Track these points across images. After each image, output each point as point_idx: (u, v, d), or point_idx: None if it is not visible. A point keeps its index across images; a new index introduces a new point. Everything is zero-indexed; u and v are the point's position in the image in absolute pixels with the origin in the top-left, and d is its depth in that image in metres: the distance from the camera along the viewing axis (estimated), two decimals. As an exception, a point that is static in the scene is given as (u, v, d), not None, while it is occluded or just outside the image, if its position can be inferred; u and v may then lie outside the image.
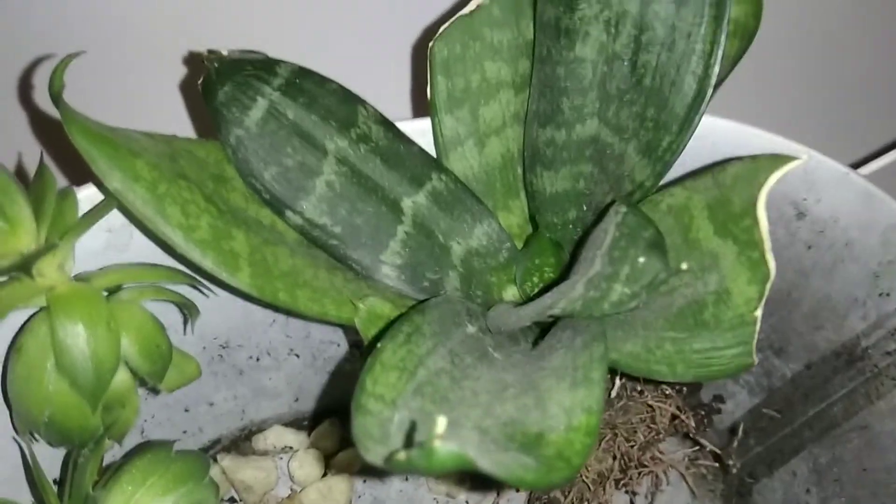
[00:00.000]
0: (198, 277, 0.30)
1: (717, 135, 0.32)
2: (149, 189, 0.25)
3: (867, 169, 0.36)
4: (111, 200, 0.27)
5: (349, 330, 0.37)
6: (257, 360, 0.37)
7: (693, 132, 0.27)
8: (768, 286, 0.23)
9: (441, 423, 0.18)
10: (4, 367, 0.29)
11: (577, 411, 0.22)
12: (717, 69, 0.26)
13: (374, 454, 0.20)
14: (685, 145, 0.27)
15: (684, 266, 0.22)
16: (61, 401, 0.27)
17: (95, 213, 0.28)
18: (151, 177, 0.25)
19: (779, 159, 0.23)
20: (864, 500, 0.32)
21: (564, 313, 0.24)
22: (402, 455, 0.18)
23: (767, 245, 0.23)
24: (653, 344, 0.26)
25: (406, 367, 0.24)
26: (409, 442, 0.20)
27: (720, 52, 0.26)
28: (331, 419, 0.40)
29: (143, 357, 0.28)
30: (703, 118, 0.26)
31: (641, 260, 0.23)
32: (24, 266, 0.25)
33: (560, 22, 0.28)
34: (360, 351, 0.38)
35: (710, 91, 0.26)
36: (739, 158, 0.25)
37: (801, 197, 0.32)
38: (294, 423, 0.40)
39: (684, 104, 0.27)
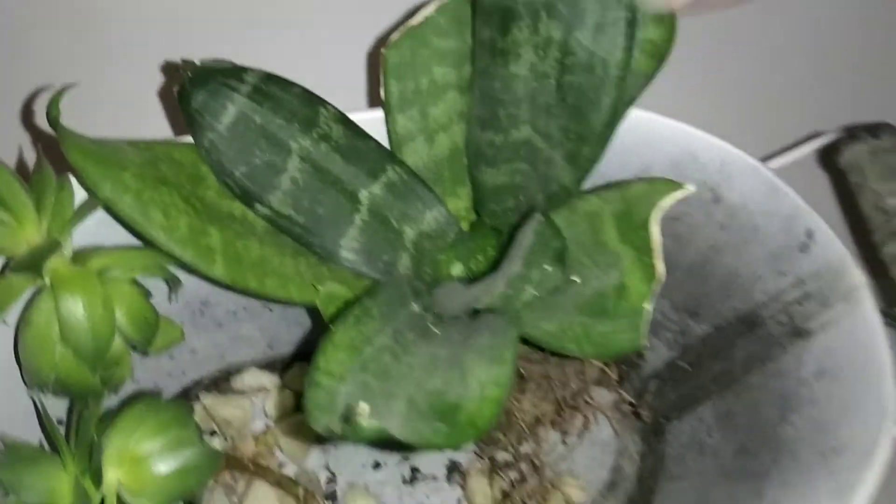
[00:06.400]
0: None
1: (643, 127, 0.35)
2: (135, 197, 0.29)
3: (776, 163, 0.40)
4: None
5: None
6: (234, 314, 0.41)
7: (608, 145, 0.31)
8: (656, 285, 0.28)
9: (363, 407, 0.23)
10: (16, 335, 0.33)
11: (490, 385, 0.26)
12: (629, 93, 0.29)
13: (319, 423, 0.25)
14: (603, 155, 0.31)
15: (576, 279, 0.26)
16: (66, 365, 0.32)
17: (91, 205, 0.32)
18: (137, 186, 0.29)
19: (671, 185, 0.27)
20: (752, 443, 0.38)
21: (487, 307, 0.29)
22: (337, 427, 0.23)
23: (658, 253, 0.28)
24: (566, 325, 0.31)
25: (355, 345, 0.28)
26: (345, 418, 0.25)
27: (628, 79, 0.29)
28: (300, 363, 0.44)
29: (134, 327, 0.32)
30: (632, 111, 0.30)
31: (548, 268, 0.27)
32: (35, 265, 0.29)
33: (495, 42, 0.31)
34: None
35: (624, 110, 0.30)
36: (641, 179, 0.29)
37: (717, 184, 0.36)
38: (268, 366, 0.44)
39: (601, 122, 0.30)
